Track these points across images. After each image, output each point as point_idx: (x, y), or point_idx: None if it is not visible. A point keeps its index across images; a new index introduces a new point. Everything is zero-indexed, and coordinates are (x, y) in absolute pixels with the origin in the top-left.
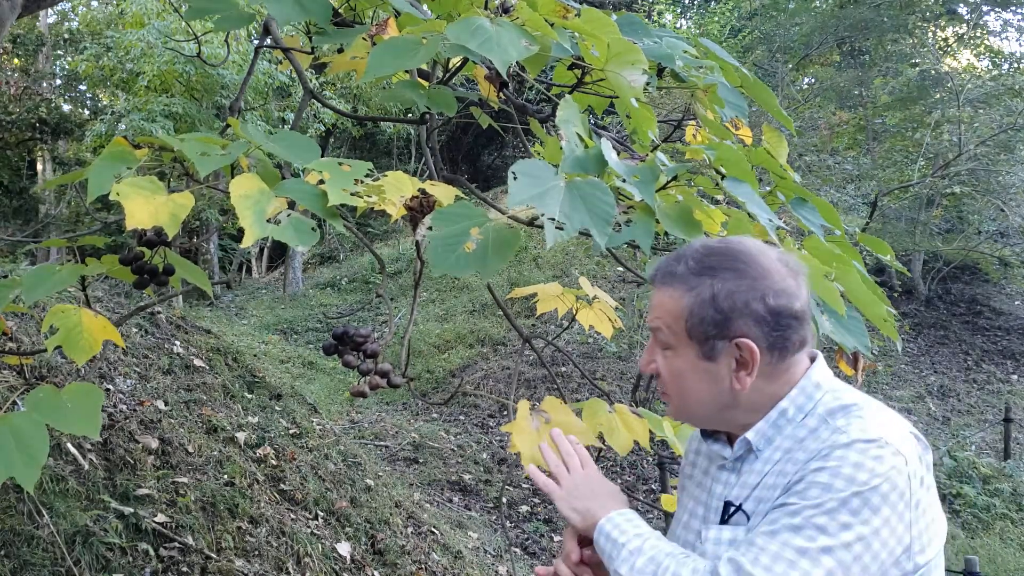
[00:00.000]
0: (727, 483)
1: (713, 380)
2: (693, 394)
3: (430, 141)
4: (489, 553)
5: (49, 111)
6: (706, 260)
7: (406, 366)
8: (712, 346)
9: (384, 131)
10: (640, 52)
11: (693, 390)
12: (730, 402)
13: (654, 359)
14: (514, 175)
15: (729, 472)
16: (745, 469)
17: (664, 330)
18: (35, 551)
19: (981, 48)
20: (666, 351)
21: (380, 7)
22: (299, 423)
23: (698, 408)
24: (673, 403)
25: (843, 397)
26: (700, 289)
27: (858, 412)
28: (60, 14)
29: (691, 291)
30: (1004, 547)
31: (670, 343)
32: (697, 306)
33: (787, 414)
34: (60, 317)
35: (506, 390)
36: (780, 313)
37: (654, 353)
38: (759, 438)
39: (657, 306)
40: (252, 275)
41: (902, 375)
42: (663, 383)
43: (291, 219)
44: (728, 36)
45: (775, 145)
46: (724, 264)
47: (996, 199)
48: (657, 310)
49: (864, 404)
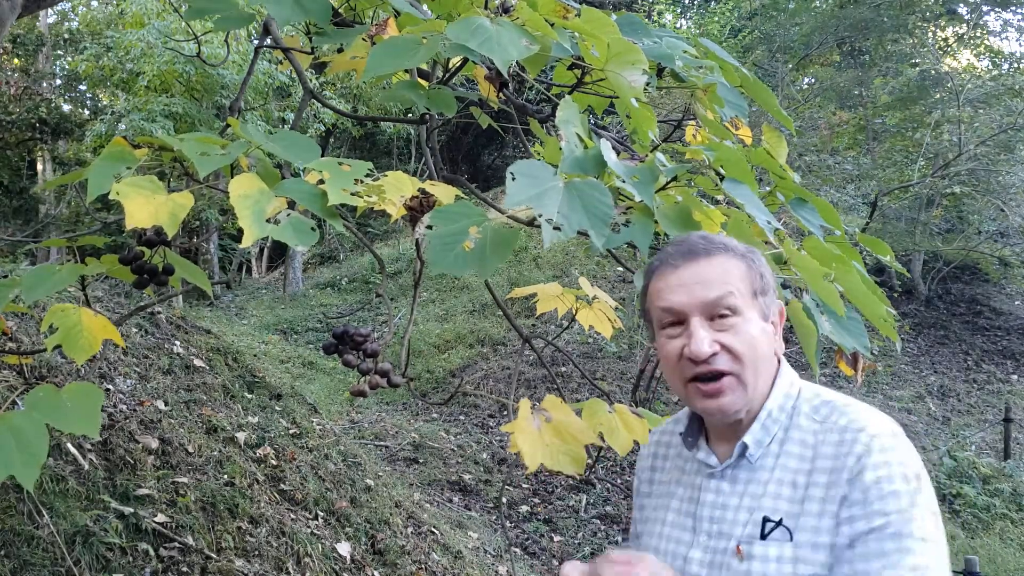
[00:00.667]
0: (718, 491)
1: (770, 341)
2: (764, 359)
3: (430, 141)
4: (489, 553)
5: (49, 111)
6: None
7: (406, 366)
8: (768, 303)
9: (384, 131)
10: (640, 52)
11: (764, 354)
12: (772, 370)
13: (714, 338)
14: (512, 176)
15: (719, 480)
16: (741, 477)
17: (735, 293)
18: (35, 551)
19: (981, 48)
20: (734, 319)
21: (380, 7)
22: (299, 423)
23: (763, 379)
24: (742, 381)
25: (821, 394)
26: (744, 252)
27: (852, 407)
28: (60, 14)
29: (742, 256)
30: (1004, 547)
31: (739, 307)
32: (755, 263)
33: (772, 415)
34: (60, 316)
35: (506, 390)
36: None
37: (710, 333)
38: (755, 444)
39: (715, 276)
40: (252, 275)
41: (902, 375)
42: (733, 358)
43: (291, 219)
44: (728, 36)
45: (775, 145)
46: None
47: (996, 199)
48: (718, 279)
49: (845, 399)
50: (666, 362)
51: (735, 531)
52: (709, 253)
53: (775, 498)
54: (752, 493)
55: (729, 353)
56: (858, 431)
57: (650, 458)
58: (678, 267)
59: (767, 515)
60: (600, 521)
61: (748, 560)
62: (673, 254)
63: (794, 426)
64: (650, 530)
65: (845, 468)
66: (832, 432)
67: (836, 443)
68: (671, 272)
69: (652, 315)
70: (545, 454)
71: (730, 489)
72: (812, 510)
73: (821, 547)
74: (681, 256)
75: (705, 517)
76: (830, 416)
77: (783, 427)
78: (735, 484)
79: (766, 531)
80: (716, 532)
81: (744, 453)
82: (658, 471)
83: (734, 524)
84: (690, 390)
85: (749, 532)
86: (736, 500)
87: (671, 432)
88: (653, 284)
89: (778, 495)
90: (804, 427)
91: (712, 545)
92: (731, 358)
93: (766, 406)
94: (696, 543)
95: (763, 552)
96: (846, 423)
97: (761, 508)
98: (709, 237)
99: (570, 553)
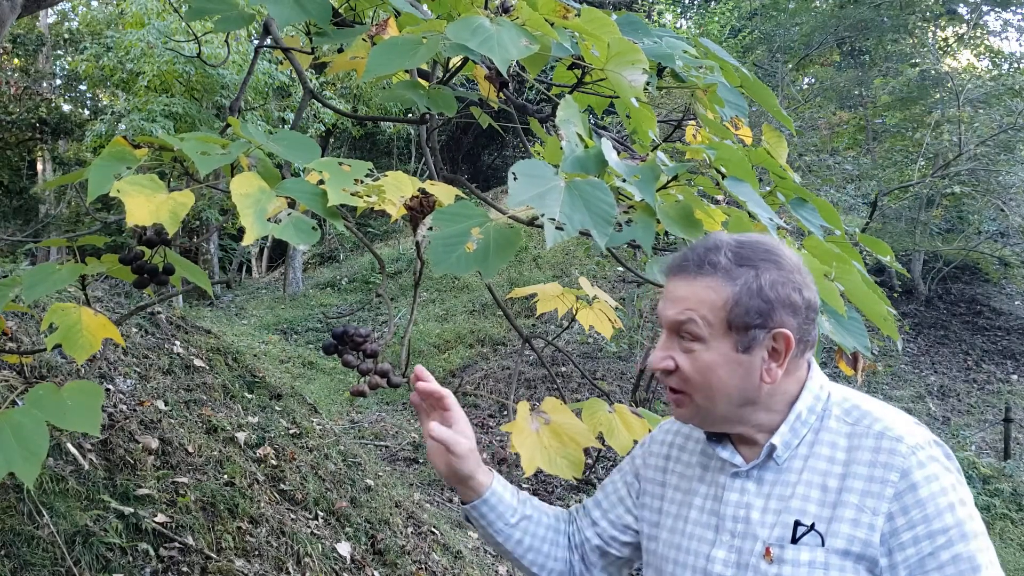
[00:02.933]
0: (743, 491)
1: (745, 374)
2: (721, 389)
3: (430, 141)
4: (489, 553)
5: (49, 111)
6: (743, 251)
7: (406, 366)
8: (752, 337)
9: (384, 131)
10: (640, 52)
11: (722, 385)
12: (754, 398)
13: (670, 355)
14: (514, 175)
15: (745, 480)
16: (767, 478)
17: (698, 321)
18: (35, 551)
19: (981, 48)
20: (693, 344)
21: (380, 7)
22: (299, 423)
23: (723, 405)
24: (693, 401)
25: (851, 398)
26: (746, 279)
27: (884, 412)
28: (60, 14)
29: (734, 281)
30: (1004, 547)
31: (701, 335)
32: (745, 295)
33: (801, 417)
34: (60, 315)
35: (506, 390)
36: (811, 306)
37: (670, 349)
38: (783, 446)
39: (687, 297)
40: (252, 275)
41: (902, 375)
42: (683, 380)
43: (292, 218)
44: (728, 36)
45: (775, 145)
46: (761, 256)
47: (996, 199)
48: (687, 301)
49: (875, 403)
50: None
51: (761, 532)
52: (697, 272)
53: (804, 500)
54: (779, 495)
55: (681, 376)
56: (896, 440)
57: (665, 446)
58: (668, 277)
59: (798, 519)
60: None
61: (779, 564)
62: (672, 261)
63: (824, 428)
64: (672, 526)
65: (888, 482)
66: (867, 437)
67: (873, 449)
68: (667, 281)
69: None
70: (543, 458)
71: (756, 490)
72: (846, 516)
73: (851, 555)
74: (675, 267)
75: (729, 516)
76: (862, 420)
77: (813, 429)
78: (761, 485)
79: (797, 535)
80: (741, 532)
81: (772, 454)
82: (673, 461)
83: (760, 525)
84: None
85: (778, 535)
86: (762, 501)
87: (690, 427)
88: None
89: (807, 497)
90: (834, 429)
91: (737, 545)
92: (680, 380)
93: (795, 408)
94: (719, 542)
95: (794, 556)
96: (881, 428)
97: (789, 510)
98: (713, 251)
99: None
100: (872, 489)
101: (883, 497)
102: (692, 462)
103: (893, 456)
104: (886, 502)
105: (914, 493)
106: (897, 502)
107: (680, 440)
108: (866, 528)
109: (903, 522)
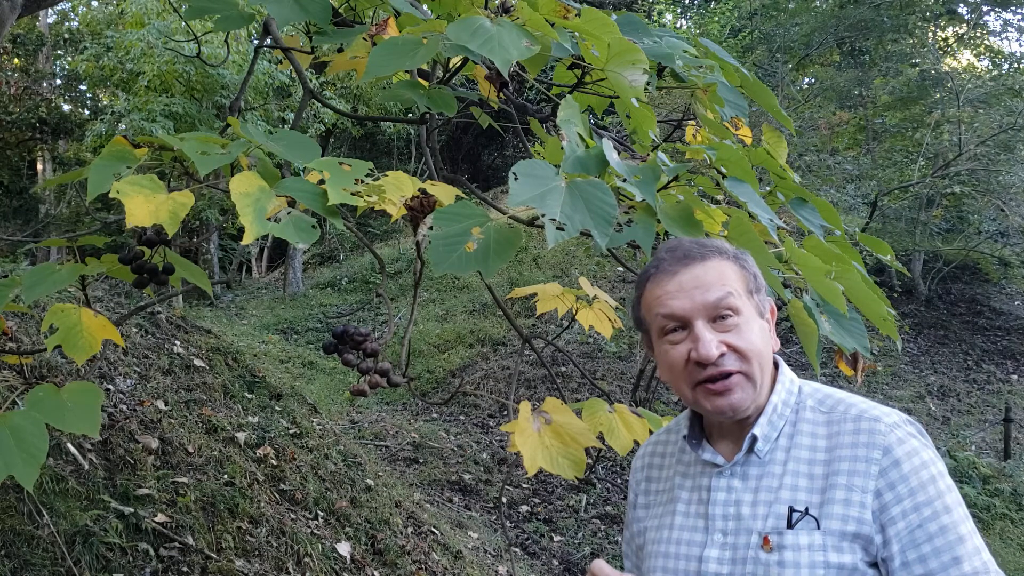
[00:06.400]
0: (730, 488)
1: (767, 338)
2: (765, 353)
3: (430, 141)
4: (489, 553)
5: (49, 111)
6: (716, 241)
7: (406, 366)
8: (761, 301)
9: (384, 131)
10: (640, 52)
11: (764, 348)
12: (769, 365)
13: (717, 339)
14: (515, 176)
15: (730, 477)
16: (752, 473)
17: (734, 293)
18: (35, 551)
19: (981, 48)
20: (734, 318)
21: (380, 7)
22: (299, 423)
23: (764, 374)
24: (749, 378)
25: (822, 389)
26: (734, 252)
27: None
28: (60, 14)
29: (729, 254)
30: (1004, 547)
31: (739, 306)
32: (744, 263)
33: (777, 409)
34: (60, 316)
35: (506, 390)
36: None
37: (713, 334)
38: (763, 438)
39: (712, 278)
40: (252, 275)
41: (902, 375)
42: (739, 356)
43: (291, 217)
44: (728, 36)
45: (775, 145)
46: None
47: (996, 199)
48: (717, 280)
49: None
50: (670, 368)
51: (755, 525)
52: (704, 257)
53: (793, 489)
54: (767, 487)
55: (736, 352)
56: (874, 420)
57: (644, 469)
58: (676, 273)
59: (792, 505)
60: (600, 521)
61: (779, 550)
62: (668, 260)
63: (801, 419)
64: (656, 537)
65: (872, 460)
66: (846, 422)
67: (853, 432)
68: (669, 278)
69: (650, 323)
70: (545, 457)
71: (742, 485)
72: (837, 497)
73: (847, 535)
74: (677, 262)
75: (719, 515)
76: (837, 407)
77: (790, 421)
78: (747, 480)
79: (793, 520)
80: (733, 529)
81: (753, 448)
82: (653, 481)
83: (753, 519)
84: (698, 392)
85: (773, 524)
86: (751, 495)
87: (663, 441)
88: (649, 292)
89: (795, 486)
90: (812, 419)
91: (731, 542)
92: (738, 357)
93: (771, 401)
94: (711, 542)
95: (794, 541)
96: (858, 412)
97: (780, 500)
98: (700, 241)
99: (570, 552)
100: (857, 468)
101: (869, 475)
102: (668, 474)
103: (873, 435)
104: (872, 479)
105: (898, 468)
106: (883, 478)
107: (656, 459)
108: (857, 507)
109: (891, 497)
